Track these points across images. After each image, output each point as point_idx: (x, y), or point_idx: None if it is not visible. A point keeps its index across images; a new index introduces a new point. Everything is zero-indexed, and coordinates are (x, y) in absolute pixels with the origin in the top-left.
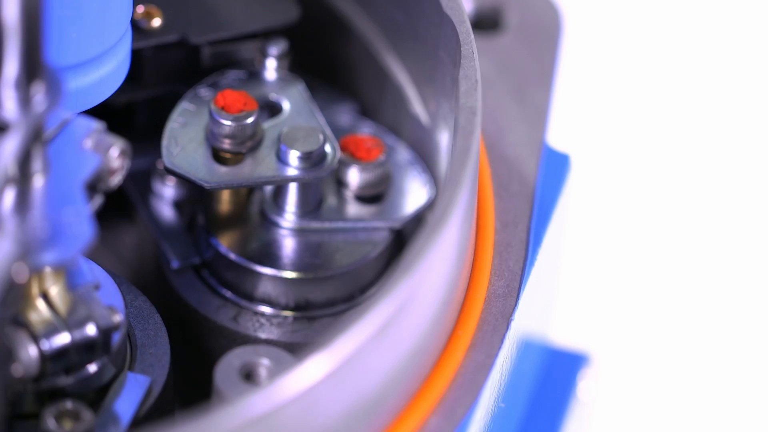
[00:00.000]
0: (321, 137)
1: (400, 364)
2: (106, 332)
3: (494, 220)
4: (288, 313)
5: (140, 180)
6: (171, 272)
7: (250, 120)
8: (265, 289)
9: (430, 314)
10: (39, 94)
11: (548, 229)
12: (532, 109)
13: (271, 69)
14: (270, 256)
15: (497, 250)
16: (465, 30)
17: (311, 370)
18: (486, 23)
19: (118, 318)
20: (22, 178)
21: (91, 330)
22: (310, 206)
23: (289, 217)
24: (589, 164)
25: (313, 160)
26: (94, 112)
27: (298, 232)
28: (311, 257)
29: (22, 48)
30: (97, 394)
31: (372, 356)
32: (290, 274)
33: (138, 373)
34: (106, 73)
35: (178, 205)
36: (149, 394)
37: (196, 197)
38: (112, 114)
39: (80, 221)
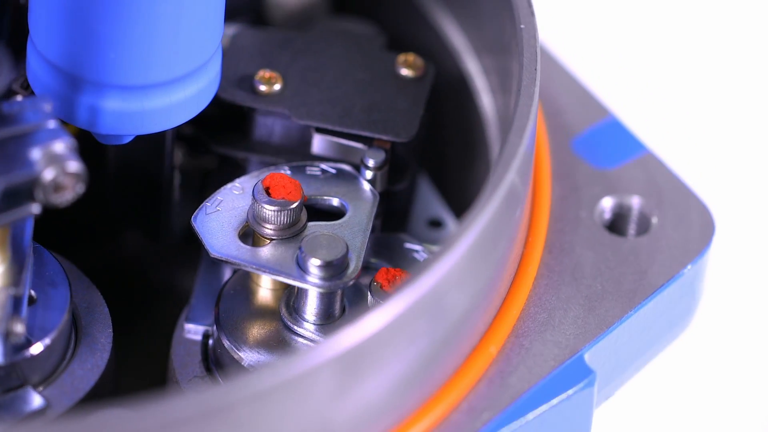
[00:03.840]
0: (342, 252)
1: None
2: None
3: (462, 401)
4: None
5: None
6: (181, 328)
7: (286, 209)
8: None
9: None
10: None
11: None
12: (594, 321)
13: (365, 176)
14: (260, 352)
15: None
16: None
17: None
18: (628, 226)
19: (19, 329)
20: None
21: None
22: (322, 318)
23: (304, 324)
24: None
25: (327, 271)
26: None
27: (305, 338)
28: None
29: None
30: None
31: None
32: None
33: (41, 394)
34: (184, 97)
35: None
36: (37, 416)
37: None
38: (233, 167)
39: None
